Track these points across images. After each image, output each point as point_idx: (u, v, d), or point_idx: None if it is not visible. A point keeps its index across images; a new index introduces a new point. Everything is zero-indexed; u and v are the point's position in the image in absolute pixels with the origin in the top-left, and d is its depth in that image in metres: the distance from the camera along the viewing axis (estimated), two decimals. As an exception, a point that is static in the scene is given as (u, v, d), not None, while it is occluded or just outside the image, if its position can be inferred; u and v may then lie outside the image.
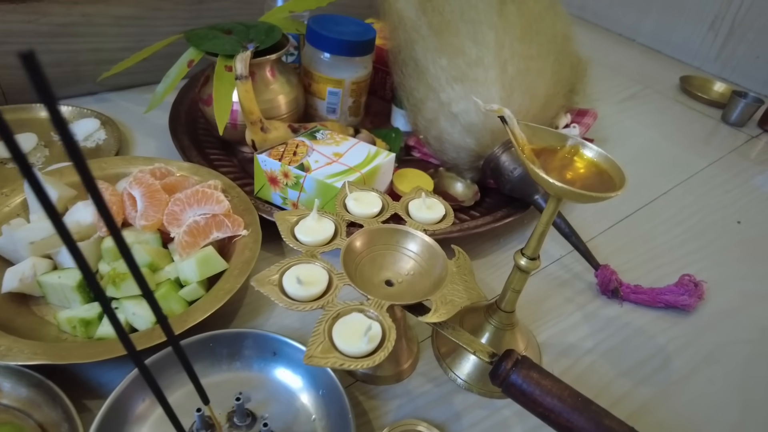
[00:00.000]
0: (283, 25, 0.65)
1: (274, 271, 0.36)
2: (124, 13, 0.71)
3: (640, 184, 0.74)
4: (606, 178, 0.34)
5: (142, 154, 0.65)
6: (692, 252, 0.63)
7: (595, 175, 0.34)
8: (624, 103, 0.98)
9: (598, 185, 0.34)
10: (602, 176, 0.35)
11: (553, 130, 0.36)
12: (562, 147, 0.36)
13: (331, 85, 0.64)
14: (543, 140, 0.36)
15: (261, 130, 0.56)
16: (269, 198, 0.54)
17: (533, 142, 0.36)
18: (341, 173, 0.50)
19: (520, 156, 0.34)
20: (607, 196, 0.31)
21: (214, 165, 0.60)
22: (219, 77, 0.55)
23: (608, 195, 0.31)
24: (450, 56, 0.60)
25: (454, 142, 0.60)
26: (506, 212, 0.58)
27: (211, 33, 0.59)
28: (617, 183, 0.34)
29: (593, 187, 0.34)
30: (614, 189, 0.33)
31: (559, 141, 0.37)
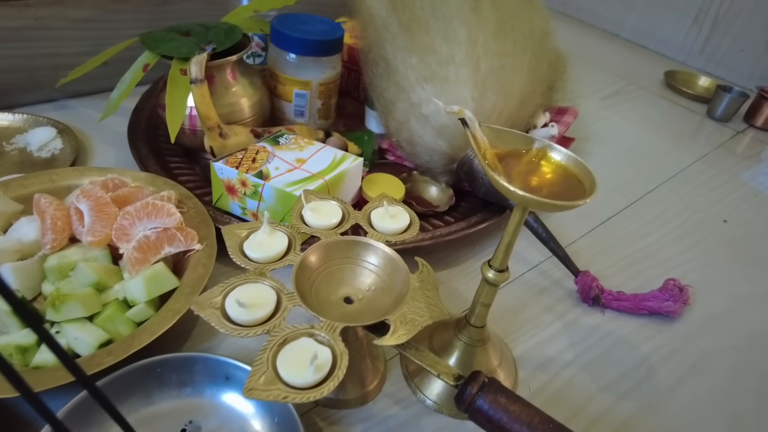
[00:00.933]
0: (247, 25, 0.62)
1: (216, 292, 0.33)
2: (80, 16, 0.68)
3: (623, 184, 0.72)
4: (575, 183, 0.32)
5: (101, 163, 0.62)
6: (678, 254, 0.60)
7: (563, 181, 0.32)
8: (607, 99, 0.95)
9: (567, 191, 0.31)
10: (571, 181, 0.32)
11: (518, 132, 0.34)
12: (528, 150, 0.34)
13: (298, 86, 0.61)
14: (507, 143, 0.34)
15: (219, 136, 0.53)
16: (228, 208, 0.51)
17: (496, 146, 0.34)
18: (303, 180, 0.47)
19: (481, 162, 0.31)
20: (575, 204, 0.29)
21: (173, 174, 0.57)
22: (173, 81, 0.51)
23: (575, 203, 0.29)
24: (420, 55, 0.57)
25: (426, 144, 0.57)
26: (481, 217, 0.55)
27: (168, 35, 0.56)
28: (587, 188, 0.31)
29: (561, 194, 0.31)
30: (584, 195, 0.31)
31: (524, 144, 0.34)
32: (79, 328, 0.39)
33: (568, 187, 0.31)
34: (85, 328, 0.40)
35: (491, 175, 0.30)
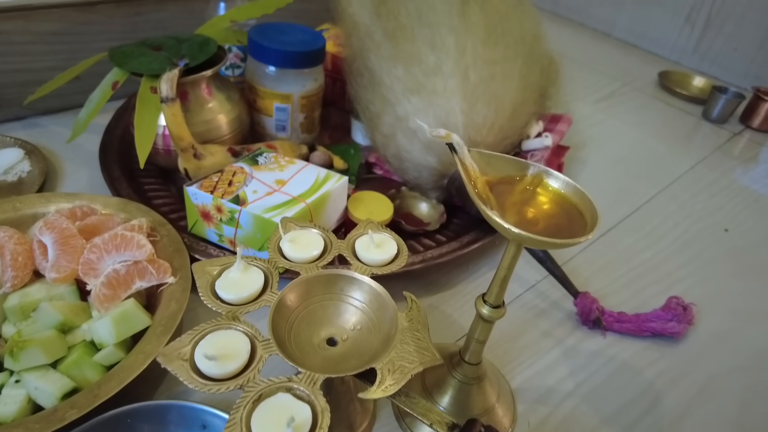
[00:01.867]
0: (223, 36, 0.59)
1: (185, 341, 0.30)
2: (47, 29, 0.64)
3: (620, 193, 0.69)
4: (574, 214, 0.29)
5: (72, 186, 0.58)
6: (679, 268, 0.58)
7: (561, 211, 0.29)
8: (601, 102, 0.93)
9: (566, 224, 0.28)
10: (570, 212, 0.29)
11: (511, 157, 0.31)
12: (522, 177, 0.31)
13: (278, 100, 0.58)
14: (500, 170, 0.31)
15: (194, 157, 0.49)
16: (204, 234, 0.48)
17: (487, 173, 0.31)
18: (283, 205, 0.44)
19: (471, 193, 0.28)
20: (574, 242, 0.26)
21: (147, 197, 0.53)
22: (142, 101, 0.48)
23: (575, 240, 0.26)
24: (406, 65, 0.55)
25: (414, 160, 0.54)
26: (474, 236, 0.52)
27: (138, 50, 0.53)
28: (588, 219, 0.28)
29: (560, 227, 0.28)
30: (584, 227, 0.28)
31: (518, 170, 0.31)
32: (40, 376, 0.36)
33: (568, 219, 0.29)
34: (48, 376, 0.36)
35: (483, 209, 0.27)
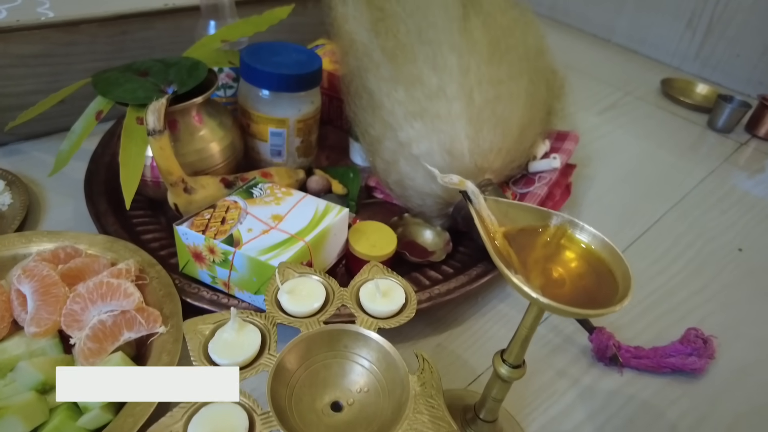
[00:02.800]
0: (214, 58, 0.56)
1: (177, 416, 0.27)
2: (29, 52, 0.61)
3: (629, 213, 0.67)
4: (603, 272, 0.26)
5: (56, 219, 0.55)
6: (694, 293, 0.56)
7: (590, 270, 0.26)
8: (605, 113, 0.90)
9: (595, 285, 0.26)
10: (599, 270, 0.26)
11: (531, 206, 0.28)
12: (544, 228, 0.28)
13: (273, 125, 0.55)
14: (519, 220, 0.28)
15: (184, 191, 0.47)
16: (196, 275, 0.45)
17: (505, 224, 0.28)
18: (280, 245, 0.41)
19: (490, 250, 0.26)
20: (607, 311, 0.23)
21: (135, 232, 0.50)
22: (128, 133, 0.45)
23: (608, 310, 0.23)
24: (407, 87, 0.52)
25: (418, 188, 0.51)
26: (483, 269, 0.50)
27: (123, 76, 0.50)
28: (619, 279, 0.26)
29: (588, 289, 0.26)
30: (614, 288, 0.25)
31: (540, 220, 0.28)
32: (18, 446, 0.33)
33: (596, 279, 0.26)
34: (26, 445, 0.33)
35: (504, 271, 0.25)
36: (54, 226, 0.54)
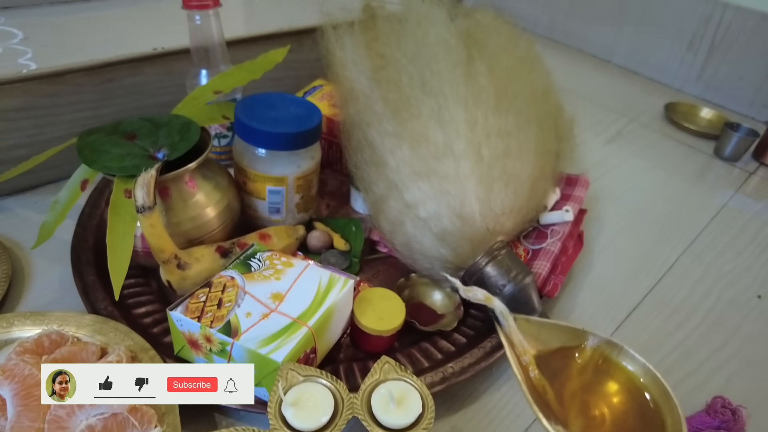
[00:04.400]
0: (207, 113, 0.53)
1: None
2: (9, 106, 0.58)
3: (643, 258, 0.64)
4: (647, 407, 0.24)
5: (41, 289, 0.52)
6: (716, 350, 0.53)
7: (633, 404, 0.24)
8: (610, 144, 0.88)
9: (640, 426, 0.23)
10: (642, 404, 0.24)
11: (565, 324, 0.26)
12: (580, 348, 0.25)
13: (272, 183, 0.52)
14: (552, 340, 0.26)
15: (178, 267, 0.44)
16: (192, 360, 0.42)
17: (536, 346, 0.25)
18: (282, 333, 0.38)
19: (522, 387, 0.23)
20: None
21: (127, 305, 0.47)
22: (115, 209, 0.42)
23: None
24: (412, 144, 0.49)
25: (426, 252, 0.48)
26: (498, 339, 0.46)
27: (109, 140, 0.47)
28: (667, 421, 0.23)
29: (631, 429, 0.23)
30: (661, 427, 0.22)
31: (574, 339, 0.26)
32: None
33: (641, 417, 0.23)
34: None
35: (535, 411, 0.22)
36: (39, 298, 0.50)
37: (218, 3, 0.56)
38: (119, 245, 0.41)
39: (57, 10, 0.74)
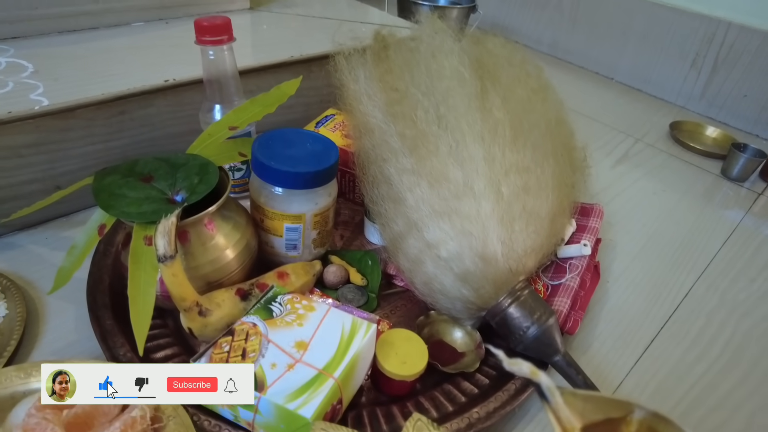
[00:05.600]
0: (223, 152, 0.53)
1: None
2: (22, 142, 0.57)
3: (657, 287, 0.64)
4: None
5: (57, 331, 0.51)
6: (737, 385, 0.53)
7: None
8: (618, 166, 0.88)
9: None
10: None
11: (610, 397, 0.25)
12: (626, 421, 0.25)
13: (289, 221, 0.52)
14: (597, 412, 0.25)
15: (199, 314, 0.43)
16: (216, 410, 0.41)
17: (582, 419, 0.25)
18: (308, 386, 0.38)
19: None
20: None
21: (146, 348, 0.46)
22: (136, 257, 0.41)
23: None
24: (431, 182, 0.49)
25: (447, 292, 0.48)
26: (522, 381, 0.47)
27: (126, 182, 0.46)
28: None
29: None
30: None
31: (620, 411, 0.25)
32: None
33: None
34: None
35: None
36: (55, 341, 0.50)
37: (232, 38, 0.56)
38: (141, 297, 0.41)
39: (65, 39, 0.74)
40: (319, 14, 0.94)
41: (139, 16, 0.81)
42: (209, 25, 0.54)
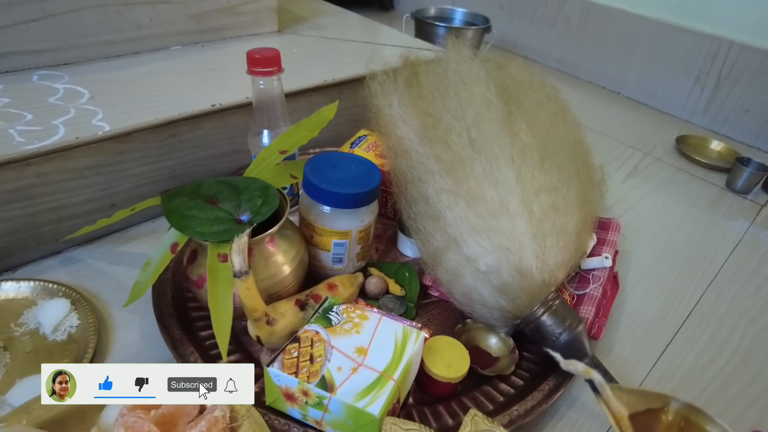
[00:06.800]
0: (277, 175, 0.58)
1: None
2: (85, 165, 0.62)
3: (670, 296, 0.69)
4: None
5: (125, 340, 0.55)
6: (747, 385, 0.58)
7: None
8: (629, 180, 0.93)
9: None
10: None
11: (651, 391, 0.30)
12: (665, 411, 0.30)
13: (337, 237, 0.57)
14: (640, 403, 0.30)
15: (267, 324, 0.48)
16: (285, 410, 0.46)
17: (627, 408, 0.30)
18: (373, 386, 0.42)
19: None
20: None
21: (210, 356, 0.51)
22: (213, 274, 0.46)
23: None
24: (468, 202, 0.54)
25: (486, 302, 0.53)
26: (555, 381, 0.51)
27: (194, 204, 0.51)
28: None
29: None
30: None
31: (659, 402, 0.30)
32: None
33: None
34: None
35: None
36: (125, 349, 0.54)
37: (281, 69, 0.60)
38: (221, 309, 0.45)
39: (111, 65, 0.78)
40: (344, 37, 0.99)
41: (177, 40, 0.86)
42: (261, 58, 0.58)
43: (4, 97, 0.66)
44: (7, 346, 0.53)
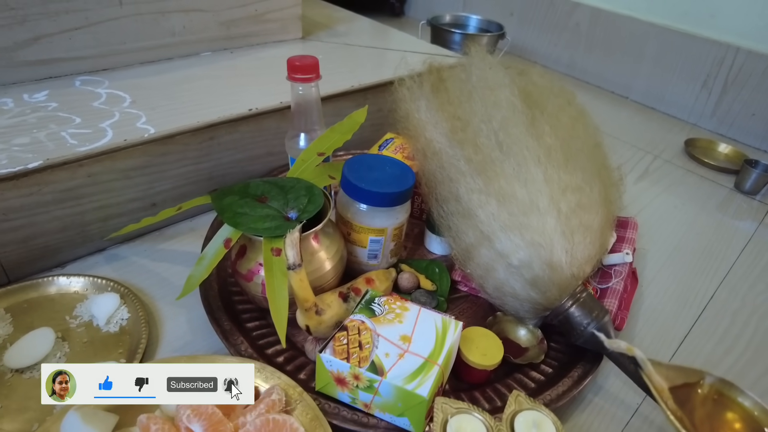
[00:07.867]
0: (317, 175, 0.61)
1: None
2: (130, 165, 0.65)
3: (685, 291, 0.72)
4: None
5: (173, 332, 0.58)
6: (762, 375, 0.61)
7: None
8: (641, 182, 0.97)
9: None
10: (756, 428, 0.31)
11: (686, 367, 0.33)
12: (700, 385, 0.33)
13: (373, 234, 0.60)
14: (677, 377, 0.33)
15: (316, 314, 0.51)
16: (334, 395, 0.49)
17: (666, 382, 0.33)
18: (420, 371, 0.45)
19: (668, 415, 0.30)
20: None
21: (258, 345, 0.54)
22: (268, 267, 0.49)
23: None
24: (499, 200, 0.57)
25: (518, 295, 0.56)
26: (582, 368, 0.54)
27: (245, 202, 0.54)
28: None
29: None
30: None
31: (694, 377, 0.33)
32: None
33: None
34: None
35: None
36: (175, 341, 0.57)
37: (319, 76, 0.64)
38: (278, 299, 0.48)
39: (147, 70, 0.82)
40: (366, 43, 1.02)
41: (208, 46, 0.89)
42: (301, 65, 0.62)
43: (52, 102, 0.69)
44: (65, 337, 0.56)
